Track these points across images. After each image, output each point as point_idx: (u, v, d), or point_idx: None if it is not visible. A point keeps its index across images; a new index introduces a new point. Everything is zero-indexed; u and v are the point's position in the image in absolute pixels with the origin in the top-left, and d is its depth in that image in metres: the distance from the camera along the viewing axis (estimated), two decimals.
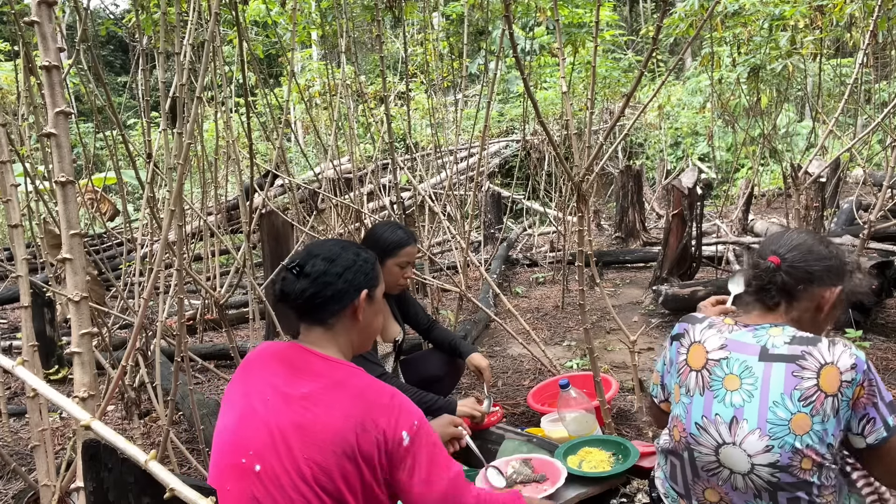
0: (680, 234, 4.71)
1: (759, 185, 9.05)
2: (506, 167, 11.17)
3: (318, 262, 1.44)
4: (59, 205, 1.44)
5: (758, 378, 1.45)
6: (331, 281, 1.43)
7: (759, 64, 6.76)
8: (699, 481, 1.54)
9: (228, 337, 2.67)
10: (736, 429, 1.44)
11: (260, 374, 1.41)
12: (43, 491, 1.88)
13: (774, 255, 1.55)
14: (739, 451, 1.43)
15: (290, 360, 1.41)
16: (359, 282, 1.47)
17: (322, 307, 1.43)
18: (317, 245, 1.52)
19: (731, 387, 1.46)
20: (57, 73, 1.41)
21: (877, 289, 3.63)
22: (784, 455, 1.40)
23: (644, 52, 11.88)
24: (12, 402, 3.51)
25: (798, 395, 1.40)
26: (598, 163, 3.37)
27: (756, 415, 1.42)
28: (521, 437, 2.43)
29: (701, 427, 1.49)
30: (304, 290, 1.42)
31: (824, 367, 1.40)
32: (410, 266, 2.56)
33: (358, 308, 1.46)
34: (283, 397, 1.34)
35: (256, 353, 1.49)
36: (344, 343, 1.47)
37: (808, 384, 1.40)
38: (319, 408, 1.31)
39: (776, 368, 1.44)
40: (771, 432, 1.40)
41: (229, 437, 1.36)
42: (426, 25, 6.55)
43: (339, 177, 4.82)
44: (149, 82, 3.52)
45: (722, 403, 1.46)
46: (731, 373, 1.47)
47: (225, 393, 1.48)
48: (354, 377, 1.39)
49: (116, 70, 16.70)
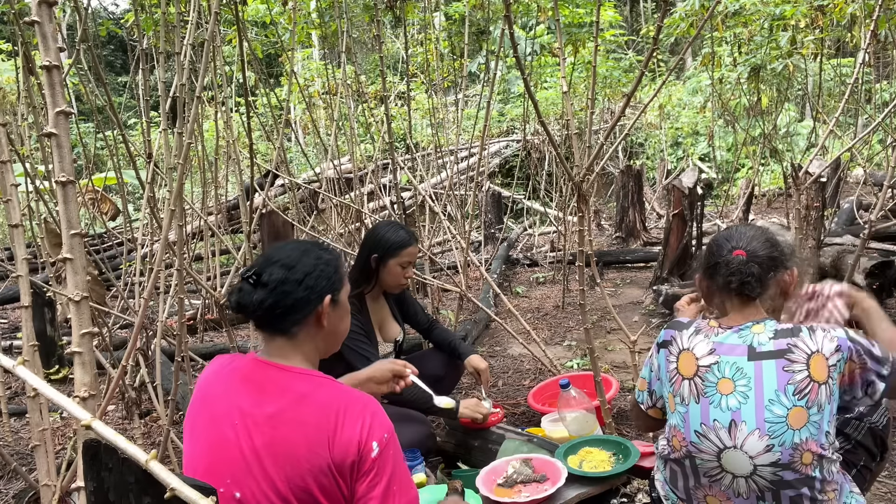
0: (680, 234, 4.70)
1: (760, 184, 9.05)
2: (506, 167, 11.16)
3: (275, 269, 1.34)
4: (59, 205, 1.43)
5: (750, 378, 1.46)
6: (290, 290, 1.33)
7: (760, 64, 6.75)
8: (700, 487, 1.54)
9: (229, 337, 2.68)
10: (735, 432, 1.45)
11: (224, 397, 1.34)
12: (43, 491, 1.88)
13: (738, 251, 1.58)
14: (741, 453, 1.44)
15: (253, 378, 1.34)
16: (321, 287, 1.36)
17: (283, 317, 1.34)
18: (275, 250, 1.41)
19: (726, 391, 1.48)
20: (57, 72, 1.41)
21: (877, 288, 3.63)
22: (785, 453, 1.41)
23: (644, 52, 11.89)
24: (13, 402, 3.51)
25: (792, 390, 1.43)
26: (598, 163, 3.37)
27: (753, 415, 1.44)
28: (522, 437, 2.43)
29: (701, 434, 1.49)
30: (262, 300, 1.32)
31: (812, 357, 1.45)
32: (412, 266, 2.57)
33: (322, 314, 1.37)
34: (251, 419, 1.29)
35: (214, 373, 1.41)
36: (309, 350, 1.39)
37: (801, 377, 1.43)
38: (289, 426, 1.26)
39: (766, 366, 1.46)
40: (770, 431, 1.42)
41: (205, 466, 1.31)
42: (427, 25, 6.56)
43: (340, 177, 4.83)
44: (149, 82, 3.52)
45: (718, 408, 1.47)
46: (724, 376, 1.49)
47: (187, 417, 1.39)
48: (321, 388, 1.32)
49: (116, 70, 16.71)
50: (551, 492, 1.99)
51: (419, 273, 3.99)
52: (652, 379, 1.68)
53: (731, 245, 1.61)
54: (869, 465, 1.75)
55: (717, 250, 1.63)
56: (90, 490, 0.99)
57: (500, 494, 2.05)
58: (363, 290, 2.53)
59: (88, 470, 0.98)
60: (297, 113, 10.54)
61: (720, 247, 1.63)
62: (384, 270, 2.51)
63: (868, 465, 1.75)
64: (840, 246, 4.01)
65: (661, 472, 1.68)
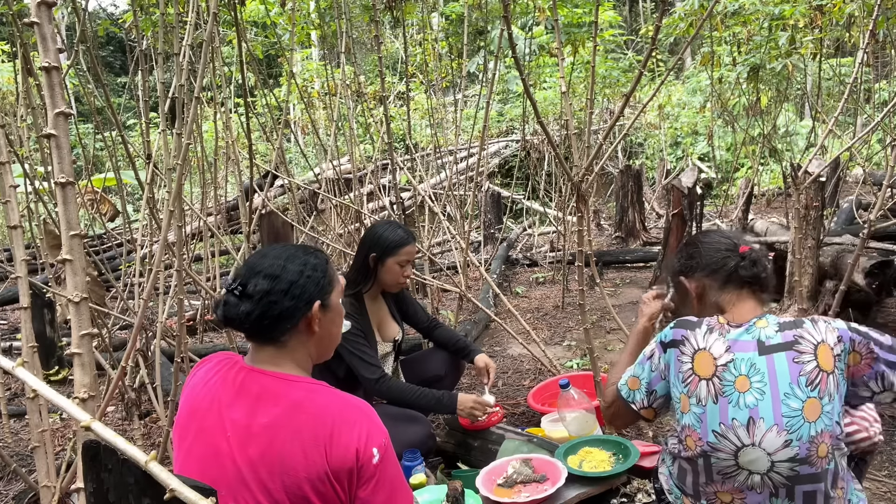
0: (680, 234, 4.70)
1: (759, 184, 9.04)
2: (505, 167, 11.17)
3: (259, 280, 1.31)
4: (58, 206, 1.43)
5: (764, 374, 1.47)
6: (276, 300, 1.30)
7: (759, 63, 6.75)
8: (712, 483, 1.54)
9: (228, 337, 2.68)
10: (754, 429, 1.45)
11: (214, 408, 1.31)
12: (43, 492, 1.88)
13: (744, 246, 1.63)
14: (759, 451, 1.45)
15: (244, 387, 1.31)
16: (309, 294, 1.33)
17: (271, 328, 1.31)
18: (259, 257, 1.38)
19: (743, 388, 1.48)
20: (56, 74, 1.40)
21: (877, 288, 3.63)
22: (802, 447, 1.43)
23: (643, 52, 11.89)
24: (12, 403, 3.51)
25: (805, 381, 1.44)
26: (597, 162, 3.37)
27: (771, 411, 1.44)
28: (522, 437, 2.43)
29: (719, 434, 1.48)
30: (248, 313, 1.29)
31: (819, 347, 1.46)
32: (410, 265, 2.56)
33: (312, 320, 1.34)
34: (244, 430, 1.26)
35: (201, 382, 1.37)
36: (301, 357, 1.36)
37: (810, 367, 1.45)
38: (284, 435, 1.24)
39: (778, 359, 1.47)
40: (788, 426, 1.43)
41: (197, 479, 1.30)
42: (425, 26, 6.55)
43: (339, 177, 4.83)
44: (148, 83, 3.52)
45: (737, 407, 1.47)
46: (740, 374, 1.49)
47: (176, 429, 1.36)
48: (315, 394, 1.30)
49: (116, 71, 16.71)
50: (551, 492, 1.99)
51: (419, 273, 3.99)
52: (653, 379, 1.65)
53: (734, 243, 1.64)
54: (867, 459, 1.76)
55: (713, 247, 1.65)
56: (90, 491, 0.99)
57: (500, 494, 2.05)
58: (361, 290, 2.52)
59: (88, 471, 0.98)
60: (296, 113, 10.54)
61: (715, 243, 1.66)
62: (382, 270, 2.50)
63: (866, 459, 1.75)
64: (839, 245, 4.00)
65: (668, 466, 1.67)
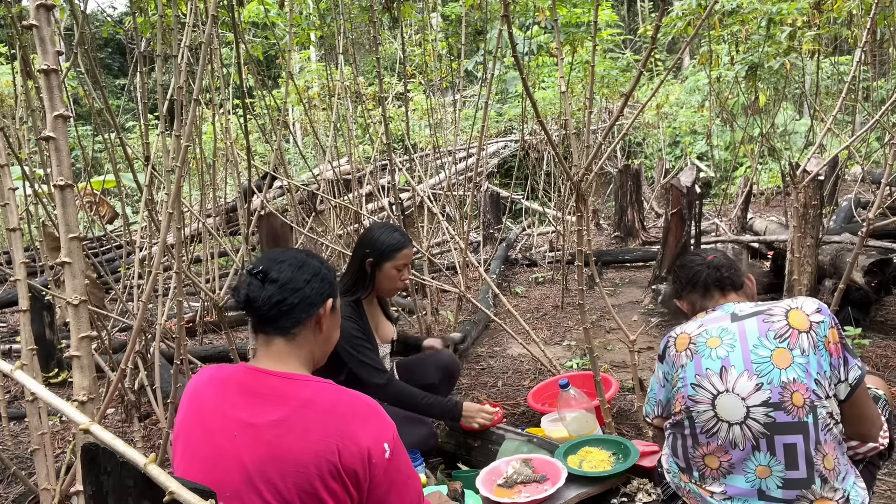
0: (679, 233, 4.70)
1: (758, 183, 9.05)
2: (505, 167, 11.17)
3: (284, 267, 1.39)
4: (57, 208, 1.43)
5: (734, 334, 1.62)
6: (299, 287, 1.38)
7: (758, 62, 6.75)
8: (699, 447, 1.63)
9: (228, 339, 2.67)
10: (726, 376, 1.58)
11: (219, 410, 1.31)
12: (43, 495, 1.88)
13: (711, 256, 1.85)
14: (733, 396, 1.56)
15: (249, 386, 1.32)
16: (324, 290, 1.42)
17: (288, 314, 1.37)
18: (279, 252, 1.47)
19: (714, 345, 1.63)
20: (56, 76, 1.40)
21: (876, 286, 3.63)
22: (774, 391, 1.53)
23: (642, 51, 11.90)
24: (12, 406, 3.51)
25: (773, 335, 1.58)
26: (596, 162, 3.36)
27: (741, 359, 1.58)
28: (522, 437, 2.43)
29: (696, 385, 1.62)
30: (270, 295, 1.36)
31: (791, 311, 1.60)
32: (407, 269, 2.51)
33: (322, 317, 1.41)
34: (252, 430, 1.26)
35: (204, 383, 1.38)
36: (306, 356, 1.41)
37: (779, 325, 1.58)
38: (294, 433, 1.25)
39: (748, 322, 1.63)
40: (758, 370, 1.55)
41: (201, 482, 1.27)
42: (424, 26, 6.56)
43: (338, 178, 4.83)
44: (147, 85, 3.51)
45: (709, 359, 1.62)
46: (711, 336, 1.65)
47: (177, 431, 1.36)
48: (324, 392, 1.31)
49: (114, 73, 16.71)
50: (551, 492, 1.99)
51: (418, 274, 3.99)
52: (658, 390, 1.79)
53: (702, 257, 1.86)
54: (876, 462, 1.75)
55: (689, 266, 1.85)
56: (89, 494, 0.99)
57: (500, 495, 2.05)
58: (360, 296, 2.47)
59: (87, 474, 0.98)
60: (295, 114, 10.54)
61: (689, 263, 1.86)
62: (380, 275, 2.45)
63: (875, 462, 1.74)
64: (838, 244, 4.01)
65: (668, 446, 1.76)
